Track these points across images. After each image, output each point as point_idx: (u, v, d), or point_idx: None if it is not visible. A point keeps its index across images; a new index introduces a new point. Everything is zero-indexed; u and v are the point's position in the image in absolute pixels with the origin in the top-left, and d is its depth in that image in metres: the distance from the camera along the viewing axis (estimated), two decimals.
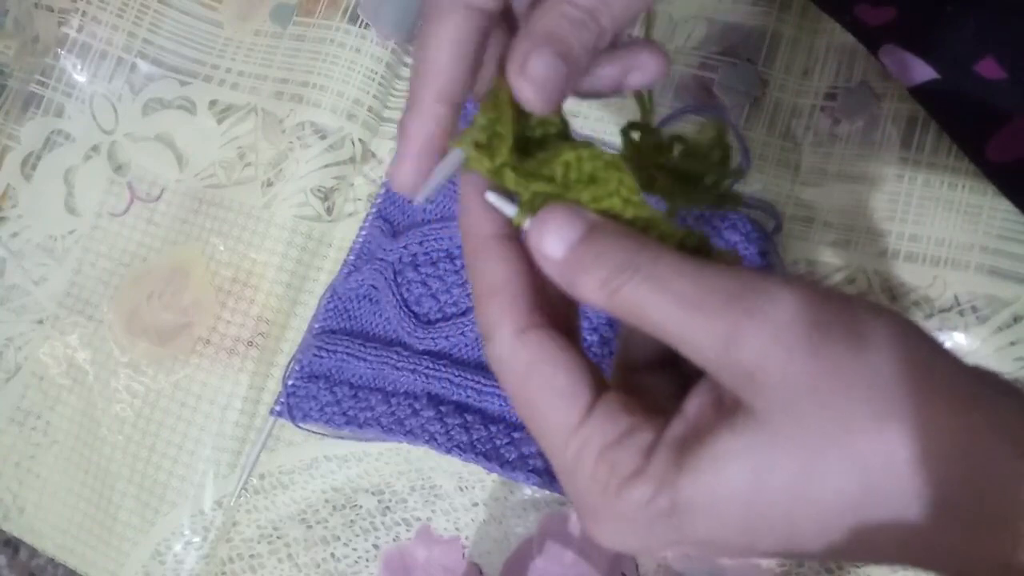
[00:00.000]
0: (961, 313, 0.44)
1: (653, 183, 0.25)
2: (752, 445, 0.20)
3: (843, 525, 0.20)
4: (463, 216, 0.25)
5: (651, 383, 0.25)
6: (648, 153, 0.25)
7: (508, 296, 0.23)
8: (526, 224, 0.23)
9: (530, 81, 0.23)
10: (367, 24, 0.57)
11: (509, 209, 0.24)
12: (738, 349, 0.20)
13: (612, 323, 0.47)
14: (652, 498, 0.21)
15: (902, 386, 0.19)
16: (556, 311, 0.24)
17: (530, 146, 0.25)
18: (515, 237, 0.24)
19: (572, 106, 0.52)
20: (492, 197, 0.24)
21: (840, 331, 0.20)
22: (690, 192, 0.25)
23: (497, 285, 0.23)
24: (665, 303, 0.21)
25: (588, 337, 0.48)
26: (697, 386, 0.22)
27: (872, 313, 0.20)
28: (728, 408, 0.21)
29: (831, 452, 0.19)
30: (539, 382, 0.23)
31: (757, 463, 0.20)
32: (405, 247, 0.51)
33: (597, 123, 0.52)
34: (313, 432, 0.52)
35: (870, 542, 0.20)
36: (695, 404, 0.22)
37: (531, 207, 0.23)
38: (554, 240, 0.23)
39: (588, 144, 0.24)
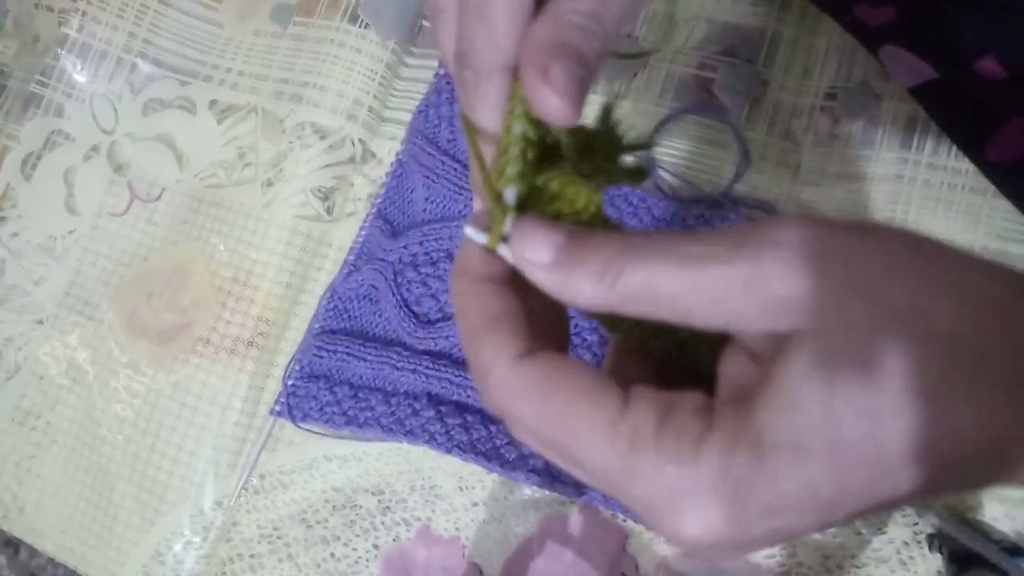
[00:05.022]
0: None
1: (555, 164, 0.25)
2: (815, 365, 0.19)
3: (933, 406, 0.18)
4: (458, 262, 0.24)
5: None
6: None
7: (506, 327, 0.22)
8: (501, 249, 0.23)
9: (555, 89, 0.22)
10: (367, 24, 0.57)
11: (483, 239, 0.23)
12: (765, 282, 0.19)
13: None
14: (732, 449, 0.19)
15: (930, 263, 0.20)
16: (550, 342, 0.23)
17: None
18: (509, 280, 0.23)
19: None
20: (469, 231, 0.23)
21: (854, 235, 0.20)
22: (592, 171, 0.24)
23: (492, 318, 0.22)
24: (673, 270, 0.20)
25: (588, 337, 0.48)
26: (726, 354, 0.21)
27: (870, 227, 0.20)
28: (769, 355, 0.20)
29: (894, 336, 0.19)
30: (562, 390, 0.21)
31: (827, 380, 0.19)
32: (405, 247, 0.51)
33: None
34: (313, 432, 0.52)
35: (961, 428, 0.18)
36: (733, 366, 0.21)
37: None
38: (539, 244, 0.22)
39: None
